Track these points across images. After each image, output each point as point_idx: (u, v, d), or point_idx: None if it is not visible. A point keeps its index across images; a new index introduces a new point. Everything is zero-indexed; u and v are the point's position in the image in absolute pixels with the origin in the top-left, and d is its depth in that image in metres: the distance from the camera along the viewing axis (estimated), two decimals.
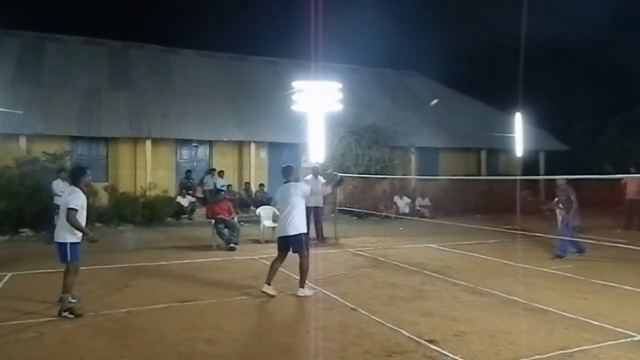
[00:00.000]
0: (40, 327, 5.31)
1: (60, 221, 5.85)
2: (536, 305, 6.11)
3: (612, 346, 4.78)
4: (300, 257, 6.53)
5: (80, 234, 5.88)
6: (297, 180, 6.86)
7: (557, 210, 9.69)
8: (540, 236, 9.69)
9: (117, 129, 16.03)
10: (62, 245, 5.84)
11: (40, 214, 11.96)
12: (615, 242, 9.32)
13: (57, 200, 11.17)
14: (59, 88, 17.09)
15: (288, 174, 6.81)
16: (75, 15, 28.95)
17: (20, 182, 12.85)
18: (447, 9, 32.51)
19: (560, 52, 27.57)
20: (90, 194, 7.18)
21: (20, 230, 12.32)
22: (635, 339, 4.97)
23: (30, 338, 5.03)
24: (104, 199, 14.99)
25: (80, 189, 5.99)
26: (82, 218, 5.90)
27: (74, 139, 15.71)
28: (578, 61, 26.96)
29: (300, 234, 6.50)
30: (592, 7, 22.04)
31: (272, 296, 6.43)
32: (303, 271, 6.52)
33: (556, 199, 9.69)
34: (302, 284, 6.55)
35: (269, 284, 6.53)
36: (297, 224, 6.48)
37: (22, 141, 14.63)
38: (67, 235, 5.81)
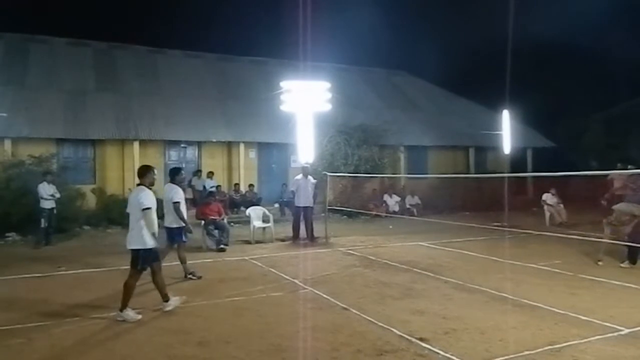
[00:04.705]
0: (28, 333, 5.24)
1: (169, 213, 7.50)
2: (525, 301, 6.16)
3: (600, 341, 4.83)
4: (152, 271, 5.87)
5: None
6: (180, 183, 6.63)
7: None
8: (528, 232, 9.78)
9: (104, 130, 15.89)
10: (170, 230, 7.51)
11: (26, 217, 11.80)
12: (603, 238, 9.39)
13: (43, 204, 11.09)
14: (44, 90, 16.87)
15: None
16: (59, 16, 28.62)
17: (6, 185, 12.67)
18: (434, 8, 32.71)
19: (546, 51, 27.90)
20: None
21: (7, 234, 12.16)
22: (622, 333, 5.04)
23: (18, 344, 4.95)
24: (91, 201, 14.84)
25: (178, 185, 7.48)
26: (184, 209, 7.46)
27: (60, 141, 15.55)
28: (564, 59, 27.33)
29: (136, 250, 5.72)
30: (577, 7, 22.32)
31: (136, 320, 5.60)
32: (157, 286, 5.92)
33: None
34: (163, 298, 5.92)
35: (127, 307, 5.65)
36: (138, 237, 5.68)
37: (7, 144, 14.47)
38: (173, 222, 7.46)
